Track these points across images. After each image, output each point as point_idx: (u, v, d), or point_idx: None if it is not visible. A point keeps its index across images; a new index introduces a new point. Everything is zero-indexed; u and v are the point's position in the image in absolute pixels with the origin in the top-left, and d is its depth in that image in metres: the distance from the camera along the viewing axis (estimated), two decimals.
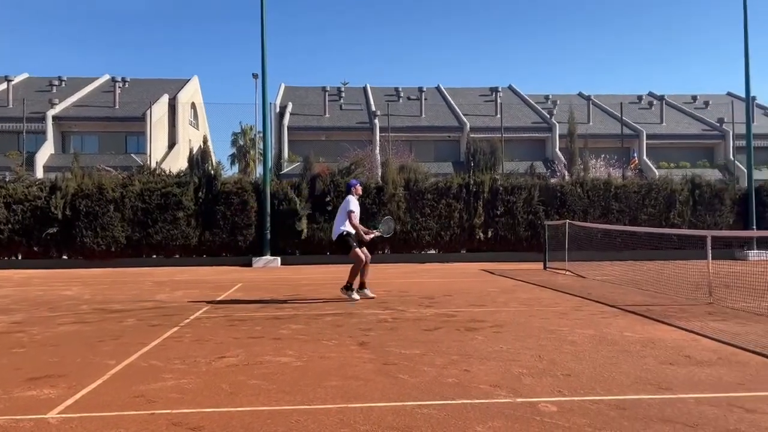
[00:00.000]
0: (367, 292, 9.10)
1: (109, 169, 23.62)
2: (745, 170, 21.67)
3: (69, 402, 3.88)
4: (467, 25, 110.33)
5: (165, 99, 38.70)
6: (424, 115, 40.42)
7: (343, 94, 43.93)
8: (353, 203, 8.94)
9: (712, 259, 8.76)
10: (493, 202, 19.12)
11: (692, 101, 46.66)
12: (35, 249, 18.03)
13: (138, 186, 18.35)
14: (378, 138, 37.06)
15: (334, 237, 9.02)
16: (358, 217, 8.96)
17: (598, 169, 30.85)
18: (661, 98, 44.16)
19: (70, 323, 7.13)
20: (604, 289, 10.24)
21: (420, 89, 41.98)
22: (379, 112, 38.55)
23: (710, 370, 4.56)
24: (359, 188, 9.34)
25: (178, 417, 3.55)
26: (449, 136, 39.25)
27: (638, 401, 3.78)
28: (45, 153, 35.47)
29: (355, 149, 31.78)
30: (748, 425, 3.33)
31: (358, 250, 8.77)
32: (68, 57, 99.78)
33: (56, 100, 37.46)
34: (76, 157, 21.01)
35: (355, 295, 8.86)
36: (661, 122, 41.64)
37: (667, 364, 4.73)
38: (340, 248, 9.06)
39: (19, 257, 18.18)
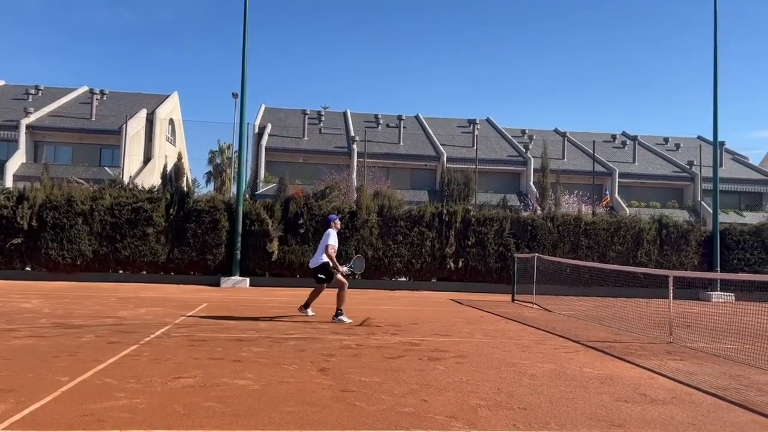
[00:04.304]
0: (309, 311, 9.94)
1: (81, 181, 23.26)
2: (712, 212, 22.21)
3: (15, 418, 3.79)
4: (448, 57, 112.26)
5: (143, 113, 38.41)
6: (402, 143, 40.72)
7: (323, 118, 44.06)
8: (332, 237, 9.54)
9: (676, 298, 8.94)
10: (465, 232, 19.26)
11: (664, 143, 47.80)
12: None
13: (108, 200, 18.09)
14: (355, 163, 37.20)
15: (312, 266, 9.72)
16: (335, 251, 9.54)
17: (571, 205, 31.31)
18: (634, 138, 45.19)
19: (25, 337, 6.96)
20: (569, 323, 10.35)
21: (399, 117, 42.34)
22: (357, 138, 38.75)
23: (663, 408, 4.63)
24: (338, 223, 9.97)
25: None
26: (426, 165, 39.55)
27: None
28: (16, 162, 34.81)
29: (332, 173, 31.82)
30: None
31: (340, 276, 9.44)
32: (47, 66, 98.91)
33: (31, 109, 36.89)
34: (47, 168, 20.71)
35: (346, 318, 9.27)
36: (634, 162, 42.54)
37: (623, 401, 4.79)
38: (319, 276, 9.59)
39: None
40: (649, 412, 4.51)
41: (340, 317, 9.31)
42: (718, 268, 19.53)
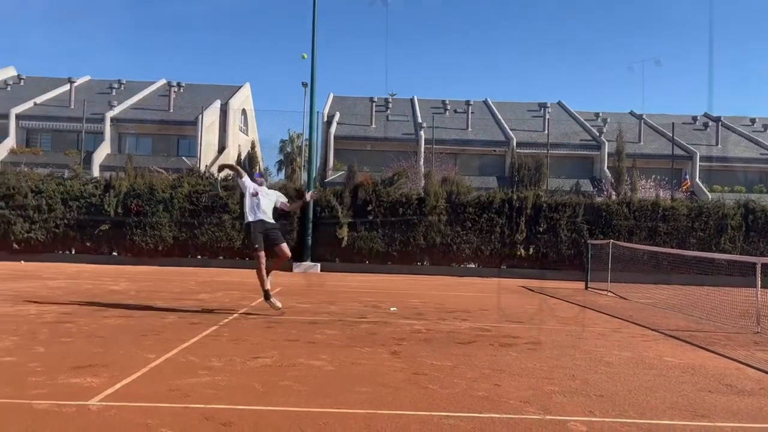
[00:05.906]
0: (274, 301, 8.00)
1: (161, 170, 24.34)
2: None
3: (109, 391, 4.04)
4: (517, 40, 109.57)
5: (217, 104, 39.70)
6: (470, 129, 40.25)
7: (390, 105, 44.09)
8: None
9: (765, 287, 8.47)
10: (535, 218, 18.89)
11: (750, 124, 45.02)
12: (87, 244, 18.70)
13: (187, 188, 18.86)
14: (423, 150, 37.06)
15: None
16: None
17: (648, 190, 30.07)
18: (717, 119, 42.78)
19: (115, 317, 7.39)
20: (647, 312, 10.00)
21: (467, 102, 41.82)
22: (425, 124, 38.56)
23: (751, 399, 4.42)
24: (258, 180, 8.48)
25: (210, 412, 3.66)
26: (494, 150, 38.94)
27: (671, 427, 3.70)
28: (102, 153, 36.84)
29: (400, 160, 31.87)
30: None
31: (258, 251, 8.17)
32: (128, 61, 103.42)
33: (115, 103, 38.90)
34: (130, 158, 21.78)
35: (277, 303, 8.00)
36: (716, 144, 40.36)
37: (706, 392, 4.60)
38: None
39: (73, 251, 18.88)
40: (735, 403, 4.31)
41: (268, 300, 8.00)
42: None
